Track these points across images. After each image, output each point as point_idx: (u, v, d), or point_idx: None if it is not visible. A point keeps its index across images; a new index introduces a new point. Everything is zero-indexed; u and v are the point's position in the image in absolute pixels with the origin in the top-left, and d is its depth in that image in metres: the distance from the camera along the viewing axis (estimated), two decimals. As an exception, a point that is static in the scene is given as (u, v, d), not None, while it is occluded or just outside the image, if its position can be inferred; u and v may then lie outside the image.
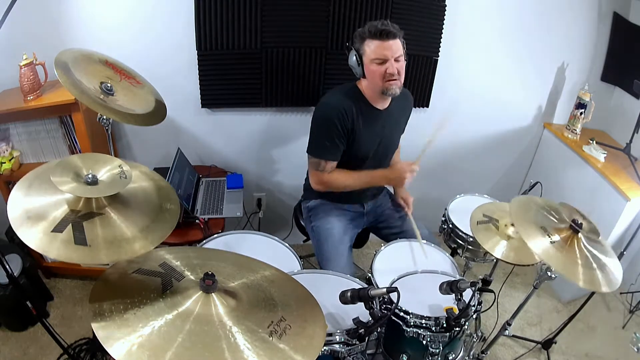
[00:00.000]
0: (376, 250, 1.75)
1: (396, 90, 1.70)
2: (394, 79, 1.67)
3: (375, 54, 1.64)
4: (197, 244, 1.74)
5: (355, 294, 1.25)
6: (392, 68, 1.65)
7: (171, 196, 1.31)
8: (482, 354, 1.89)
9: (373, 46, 1.64)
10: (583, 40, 2.46)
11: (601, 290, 1.31)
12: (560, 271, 1.31)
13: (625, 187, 2.18)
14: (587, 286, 1.31)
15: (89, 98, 1.47)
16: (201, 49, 2.10)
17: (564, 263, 1.32)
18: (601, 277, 1.33)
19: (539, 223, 1.41)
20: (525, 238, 1.35)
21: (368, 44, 1.65)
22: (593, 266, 1.35)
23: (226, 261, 1.20)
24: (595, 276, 1.33)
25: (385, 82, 1.67)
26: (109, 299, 0.95)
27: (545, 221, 1.44)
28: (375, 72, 1.66)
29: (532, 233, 1.37)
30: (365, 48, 1.66)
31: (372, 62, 1.66)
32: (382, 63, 1.65)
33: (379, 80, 1.68)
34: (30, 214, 1.05)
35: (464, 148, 2.72)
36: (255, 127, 2.42)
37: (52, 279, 2.42)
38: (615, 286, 1.34)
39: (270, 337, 0.96)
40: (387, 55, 1.63)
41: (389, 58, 1.64)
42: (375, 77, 1.68)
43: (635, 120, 2.27)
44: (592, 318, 2.46)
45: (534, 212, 1.47)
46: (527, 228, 1.38)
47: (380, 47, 1.63)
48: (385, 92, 1.70)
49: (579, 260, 1.34)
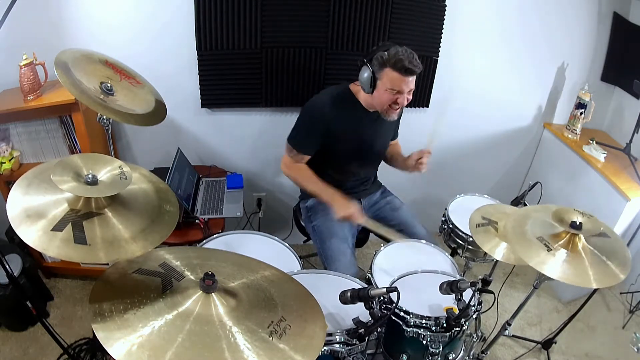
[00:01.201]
0: (376, 250, 1.75)
1: (395, 116, 1.80)
2: (399, 108, 1.75)
3: (392, 85, 1.68)
4: (197, 244, 1.74)
5: (355, 294, 1.25)
6: (403, 100, 1.73)
7: (171, 198, 1.31)
8: (482, 354, 1.89)
9: (393, 78, 1.67)
10: (583, 40, 2.46)
11: (620, 278, 1.31)
12: (572, 282, 1.30)
13: (625, 187, 2.18)
14: (603, 284, 1.30)
15: (89, 98, 1.47)
16: (201, 49, 2.10)
17: (573, 272, 1.31)
18: (614, 266, 1.33)
19: (536, 235, 1.41)
20: (528, 260, 1.34)
21: (388, 73, 1.67)
22: (602, 259, 1.34)
23: (226, 261, 1.20)
24: (608, 268, 1.32)
25: (390, 108, 1.75)
26: (109, 299, 0.95)
27: (542, 231, 1.43)
28: (386, 98, 1.73)
29: (532, 253, 1.36)
30: (383, 75, 1.68)
31: (388, 90, 1.70)
32: (396, 93, 1.70)
33: (385, 104, 1.75)
34: (30, 213, 1.06)
35: (463, 148, 2.72)
36: (255, 127, 2.42)
37: (52, 279, 2.42)
38: (629, 267, 1.33)
39: (270, 337, 0.96)
40: (404, 89, 1.70)
41: (405, 92, 1.70)
42: (384, 101, 1.74)
43: (635, 120, 2.26)
44: (592, 318, 2.46)
45: (529, 225, 1.46)
46: (526, 248, 1.38)
47: (400, 81, 1.67)
48: (385, 114, 1.78)
49: (586, 260, 1.34)
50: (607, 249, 1.38)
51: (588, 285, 1.30)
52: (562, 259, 1.35)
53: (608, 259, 1.35)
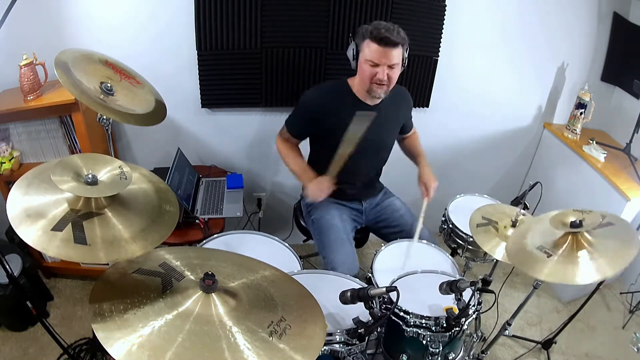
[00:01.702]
0: (376, 250, 1.75)
1: (381, 94, 1.76)
2: (381, 83, 1.70)
3: (370, 56, 1.66)
4: (197, 244, 1.74)
5: (355, 293, 1.26)
6: (382, 74, 1.68)
7: (171, 198, 1.31)
8: (482, 354, 1.89)
9: (371, 48, 1.65)
10: (583, 40, 2.46)
11: (635, 252, 1.26)
12: (580, 282, 1.27)
13: (625, 187, 2.18)
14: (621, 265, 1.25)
15: (89, 98, 1.47)
16: (201, 49, 2.10)
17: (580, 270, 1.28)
18: (621, 247, 1.29)
19: (536, 245, 1.39)
20: (532, 273, 1.33)
21: (367, 44, 1.66)
22: (612, 244, 1.31)
23: (226, 261, 1.20)
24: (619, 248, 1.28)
25: (372, 83, 1.71)
26: (109, 299, 0.95)
27: (543, 239, 1.40)
28: (366, 72, 1.70)
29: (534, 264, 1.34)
30: (363, 46, 1.68)
31: (366, 62, 1.68)
32: (374, 66, 1.67)
33: (367, 80, 1.72)
34: (30, 212, 1.06)
35: (464, 148, 2.72)
36: (255, 127, 2.42)
37: (52, 279, 2.42)
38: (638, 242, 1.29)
39: (270, 337, 0.96)
40: (382, 61, 1.66)
41: (383, 64, 1.66)
42: (365, 76, 1.71)
43: (635, 120, 2.26)
44: (592, 318, 2.45)
45: (529, 238, 1.44)
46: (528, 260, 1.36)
47: (377, 51, 1.64)
48: (369, 92, 1.75)
49: (596, 253, 1.30)
50: (614, 234, 1.34)
51: (607, 275, 1.26)
52: (564, 261, 1.32)
53: (617, 241, 1.31)
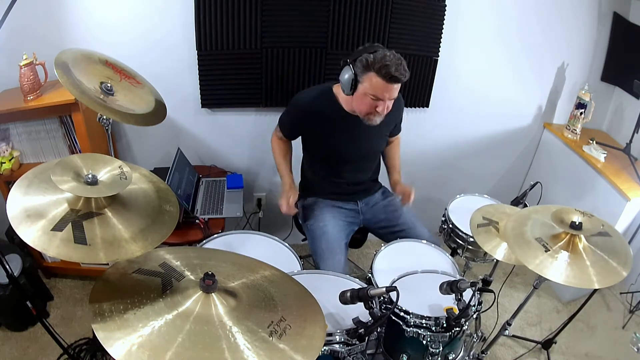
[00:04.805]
0: (376, 250, 1.75)
1: (378, 121, 1.72)
2: (379, 114, 1.68)
3: (373, 91, 1.61)
4: (197, 244, 1.74)
5: (355, 294, 1.25)
6: (383, 107, 1.65)
7: (171, 198, 1.31)
8: (482, 354, 1.89)
9: (376, 84, 1.59)
10: (583, 40, 2.46)
11: (623, 275, 1.30)
12: (575, 285, 1.30)
13: (625, 187, 2.18)
14: (604, 283, 1.30)
15: (89, 98, 1.47)
16: (201, 49, 2.10)
17: (573, 273, 1.31)
18: (616, 263, 1.32)
19: (535, 236, 1.41)
20: (526, 262, 1.34)
21: (371, 77, 1.59)
22: (604, 257, 1.34)
23: (226, 261, 1.20)
24: (608, 265, 1.32)
25: (369, 114, 1.69)
26: (109, 299, 0.95)
27: (542, 232, 1.42)
28: (366, 103, 1.66)
29: (530, 254, 1.36)
30: (366, 79, 1.61)
31: (368, 95, 1.63)
32: (376, 99, 1.64)
33: (365, 110, 1.68)
34: (30, 213, 1.05)
35: (464, 148, 2.72)
36: (255, 127, 2.42)
37: (52, 279, 2.42)
38: (630, 264, 1.33)
39: (270, 337, 0.96)
40: (386, 96, 1.63)
41: (386, 99, 1.64)
42: (363, 106, 1.68)
43: (635, 120, 2.26)
44: (592, 318, 2.45)
45: (529, 227, 1.46)
46: (525, 249, 1.38)
47: (383, 88, 1.60)
48: (365, 120, 1.72)
49: (587, 261, 1.34)
50: (608, 247, 1.37)
51: (590, 286, 1.30)
52: (562, 261, 1.34)
53: (609, 257, 1.34)
